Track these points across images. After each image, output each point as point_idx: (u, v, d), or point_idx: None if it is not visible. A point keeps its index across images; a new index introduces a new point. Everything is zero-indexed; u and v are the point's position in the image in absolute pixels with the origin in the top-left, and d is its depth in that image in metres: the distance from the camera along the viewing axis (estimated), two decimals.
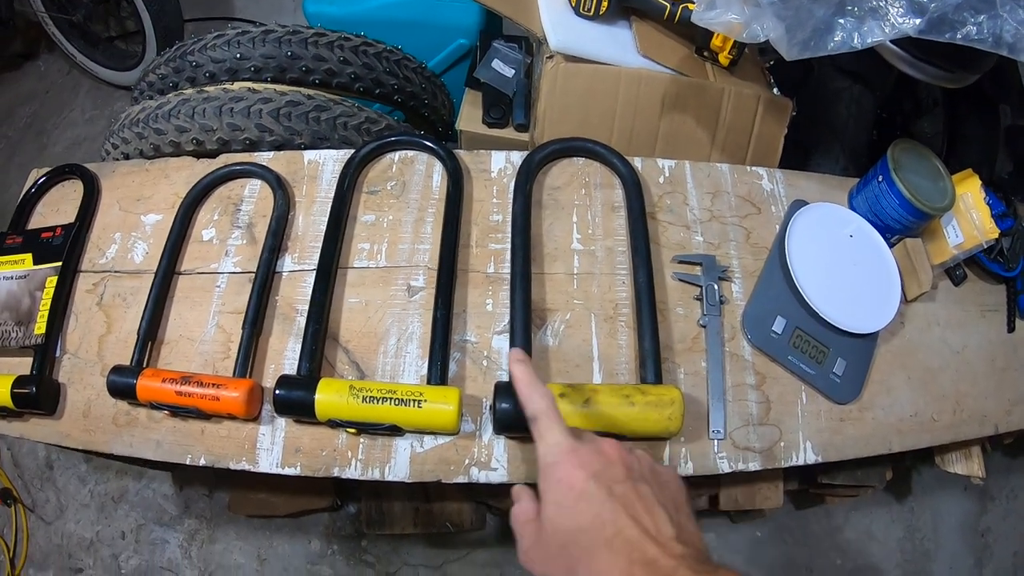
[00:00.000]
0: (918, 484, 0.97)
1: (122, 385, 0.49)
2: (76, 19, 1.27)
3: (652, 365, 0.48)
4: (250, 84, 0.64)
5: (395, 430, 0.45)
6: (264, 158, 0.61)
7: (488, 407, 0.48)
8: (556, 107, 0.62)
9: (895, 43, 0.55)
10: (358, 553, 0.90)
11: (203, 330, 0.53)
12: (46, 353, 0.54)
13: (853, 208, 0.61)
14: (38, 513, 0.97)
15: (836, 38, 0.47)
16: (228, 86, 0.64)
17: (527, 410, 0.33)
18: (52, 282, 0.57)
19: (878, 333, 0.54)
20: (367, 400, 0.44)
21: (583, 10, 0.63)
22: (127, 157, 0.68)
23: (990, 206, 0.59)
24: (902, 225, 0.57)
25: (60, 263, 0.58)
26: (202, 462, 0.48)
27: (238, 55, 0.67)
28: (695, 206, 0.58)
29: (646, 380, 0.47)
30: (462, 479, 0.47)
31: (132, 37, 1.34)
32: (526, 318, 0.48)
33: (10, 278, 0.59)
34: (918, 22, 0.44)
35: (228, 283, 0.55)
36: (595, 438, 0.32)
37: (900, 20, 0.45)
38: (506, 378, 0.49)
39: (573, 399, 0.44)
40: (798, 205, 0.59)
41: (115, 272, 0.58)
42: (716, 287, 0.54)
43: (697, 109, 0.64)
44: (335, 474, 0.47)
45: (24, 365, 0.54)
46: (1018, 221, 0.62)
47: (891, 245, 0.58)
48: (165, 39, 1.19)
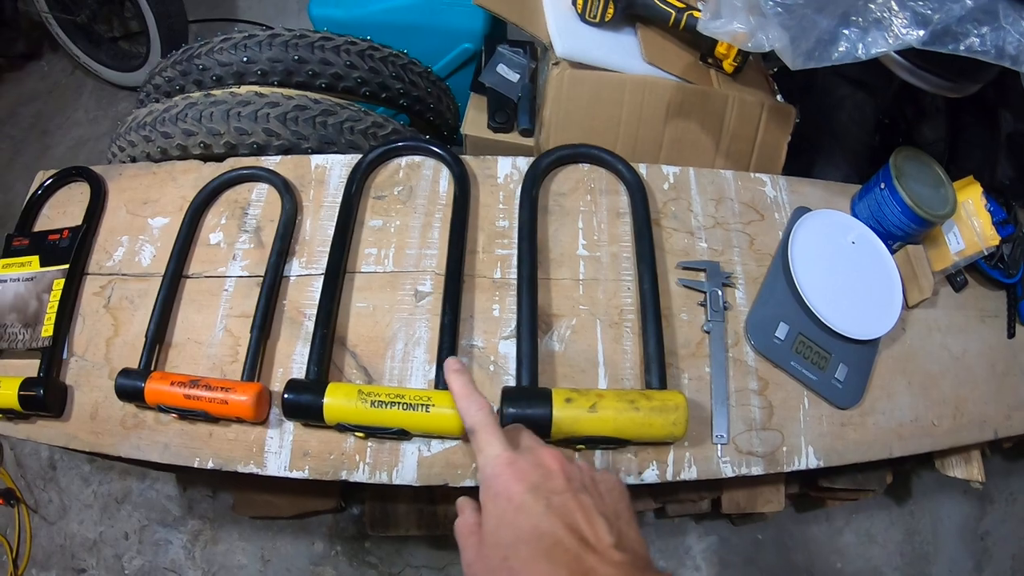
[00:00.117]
0: (918, 487, 0.97)
1: (130, 388, 0.49)
2: (80, 20, 1.27)
3: (657, 370, 0.48)
4: (257, 88, 0.65)
5: (403, 434, 0.45)
6: (271, 162, 0.61)
7: (495, 411, 0.49)
8: (562, 113, 0.62)
9: (898, 52, 0.55)
10: (361, 554, 0.91)
11: (211, 333, 0.53)
12: (53, 355, 0.54)
13: (855, 215, 0.61)
14: (41, 513, 0.97)
15: (840, 48, 0.47)
16: (235, 90, 0.64)
17: (465, 422, 0.33)
18: (59, 284, 0.57)
19: (880, 339, 0.55)
20: (375, 404, 0.44)
21: (589, 16, 0.64)
22: (133, 160, 0.68)
23: (991, 213, 0.59)
24: (904, 232, 0.58)
25: (67, 265, 0.58)
26: (210, 465, 0.49)
27: (245, 59, 0.67)
28: (699, 212, 0.59)
29: (651, 385, 0.48)
30: (469, 483, 0.47)
31: (136, 38, 1.34)
32: (533, 323, 0.48)
33: (17, 280, 0.59)
34: (922, 33, 0.45)
35: (236, 287, 0.55)
36: (535, 447, 0.32)
37: (904, 31, 0.45)
38: (513, 383, 0.49)
39: (579, 404, 0.44)
40: (801, 212, 0.59)
41: (122, 275, 0.58)
42: (720, 293, 0.54)
43: (702, 116, 0.64)
44: (343, 477, 0.47)
45: (31, 367, 0.54)
46: (1019, 228, 0.63)
47: (893, 252, 0.59)
48: (169, 40, 1.19)
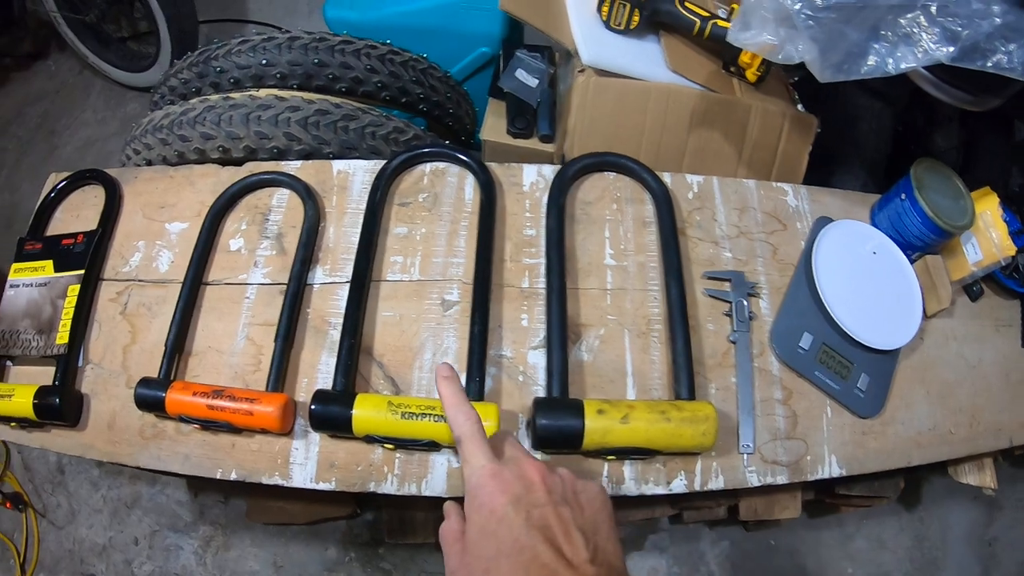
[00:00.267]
0: (927, 494, 0.98)
1: (150, 398, 0.48)
2: (89, 19, 1.25)
3: (686, 381, 0.48)
4: (277, 91, 0.64)
5: (433, 445, 0.45)
6: (291, 167, 0.61)
7: (524, 422, 0.48)
8: (587, 121, 0.62)
9: (924, 67, 0.55)
10: (375, 560, 0.90)
11: (232, 342, 0.53)
12: (69, 363, 0.53)
13: (875, 224, 0.61)
14: (49, 518, 0.96)
15: (870, 62, 0.47)
16: (255, 93, 0.63)
17: (453, 431, 0.34)
18: (74, 290, 0.56)
19: (900, 348, 0.55)
20: (406, 416, 0.44)
21: (614, 24, 0.64)
22: (149, 163, 0.67)
23: (1007, 224, 0.60)
24: (923, 243, 0.58)
25: (83, 271, 0.57)
26: (233, 476, 0.48)
27: (263, 61, 0.66)
28: (723, 222, 0.59)
29: (680, 396, 0.48)
30: None
31: (145, 38, 1.32)
32: (563, 333, 0.48)
33: (30, 285, 0.58)
34: (951, 49, 0.45)
35: (257, 294, 0.55)
36: (519, 458, 0.33)
37: (933, 47, 0.45)
38: (543, 393, 0.49)
39: (611, 415, 0.44)
40: (823, 222, 0.59)
41: (139, 281, 0.58)
42: (745, 303, 0.54)
43: (725, 125, 0.64)
44: (371, 489, 0.47)
45: (45, 374, 0.53)
46: None
47: (912, 261, 0.59)
48: (180, 40, 1.18)
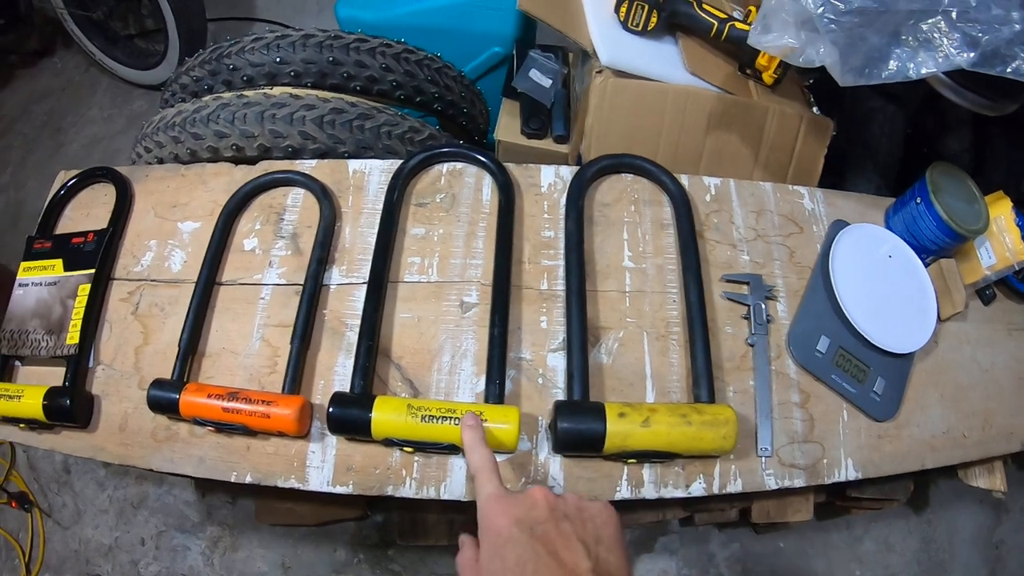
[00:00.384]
0: (935, 496, 0.98)
1: (164, 400, 0.48)
2: (96, 16, 1.24)
3: (706, 384, 0.48)
4: (291, 90, 0.63)
5: (452, 449, 0.45)
6: (306, 166, 0.60)
7: (544, 425, 0.48)
8: (604, 122, 0.62)
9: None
10: (384, 562, 0.90)
11: (247, 343, 0.52)
12: (79, 364, 0.52)
13: (889, 228, 0.61)
14: (55, 518, 0.95)
15: (890, 67, 0.47)
16: (268, 91, 0.63)
17: (470, 467, 0.39)
18: (85, 290, 0.55)
19: (915, 352, 0.55)
20: (426, 419, 0.44)
21: (631, 25, 0.63)
22: (160, 161, 0.66)
23: (1021, 228, 0.60)
24: (938, 246, 0.58)
25: (93, 270, 0.56)
26: (248, 479, 0.47)
27: (277, 59, 0.65)
28: (740, 225, 0.59)
29: (700, 399, 0.48)
30: None
31: (153, 35, 1.32)
32: (583, 336, 0.48)
33: (39, 284, 0.58)
34: (971, 55, 0.45)
35: (272, 295, 0.54)
36: (531, 487, 0.35)
37: (954, 52, 0.45)
38: (562, 396, 0.49)
39: (633, 419, 0.44)
40: (840, 226, 0.59)
41: (151, 281, 0.57)
42: (763, 306, 0.54)
43: (742, 127, 0.64)
44: (389, 492, 0.46)
45: (55, 375, 0.53)
46: None
47: (926, 265, 0.59)
48: (188, 39, 1.17)
